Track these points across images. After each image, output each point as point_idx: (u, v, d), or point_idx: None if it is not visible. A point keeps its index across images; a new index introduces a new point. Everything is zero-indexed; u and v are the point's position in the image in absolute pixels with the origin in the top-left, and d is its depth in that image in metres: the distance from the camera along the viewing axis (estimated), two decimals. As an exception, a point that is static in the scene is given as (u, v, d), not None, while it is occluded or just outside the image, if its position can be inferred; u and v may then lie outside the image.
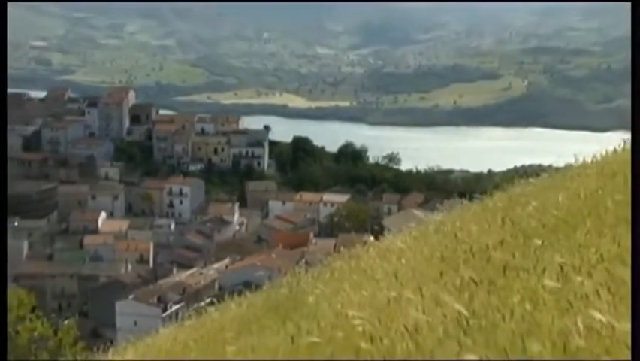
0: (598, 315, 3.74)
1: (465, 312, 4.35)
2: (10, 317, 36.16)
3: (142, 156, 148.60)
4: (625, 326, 3.57)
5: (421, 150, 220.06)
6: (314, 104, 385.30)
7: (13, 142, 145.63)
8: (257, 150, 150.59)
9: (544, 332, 3.86)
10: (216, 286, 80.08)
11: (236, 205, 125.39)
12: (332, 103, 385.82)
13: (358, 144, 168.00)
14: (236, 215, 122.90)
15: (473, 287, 5.21)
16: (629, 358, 3.34)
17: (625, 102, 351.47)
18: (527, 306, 4.35)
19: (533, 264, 5.62)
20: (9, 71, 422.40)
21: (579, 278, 4.74)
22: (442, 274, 6.14)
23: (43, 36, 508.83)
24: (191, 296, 73.43)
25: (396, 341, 4.38)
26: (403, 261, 7.96)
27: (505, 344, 3.76)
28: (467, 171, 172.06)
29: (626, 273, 4.57)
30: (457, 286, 5.48)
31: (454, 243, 7.85)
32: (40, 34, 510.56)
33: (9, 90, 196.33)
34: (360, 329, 4.82)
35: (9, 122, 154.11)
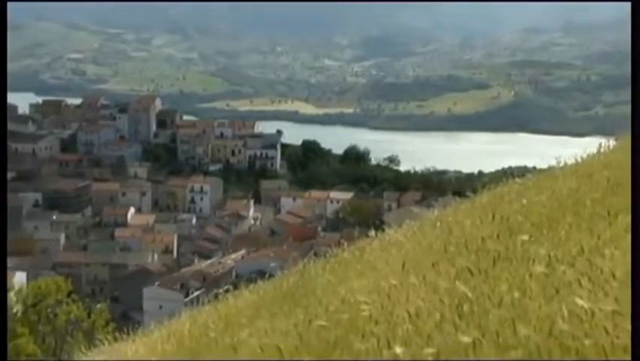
0: (579, 301, 3.73)
1: (460, 298, 4.34)
2: (49, 300, 36.32)
3: (167, 157, 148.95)
4: (604, 311, 3.56)
5: (418, 152, 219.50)
6: (322, 111, 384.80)
7: (53, 144, 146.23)
8: (270, 152, 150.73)
9: (531, 317, 3.85)
10: (233, 274, 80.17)
11: (252, 202, 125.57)
12: (338, 110, 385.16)
13: (362, 146, 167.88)
14: (252, 210, 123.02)
15: (466, 276, 5.20)
16: (625, 356, 3.30)
17: (601, 110, 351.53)
18: (515, 294, 4.34)
19: (520, 255, 5.61)
20: (49, 81, 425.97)
21: (562, 268, 4.72)
22: (438, 264, 6.13)
23: (79, 49, 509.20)
24: (210, 283, 73.49)
25: (397, 324, 4.38)
26: (403, 252, 7.94)
27: (497, 327, 3.75)
28: (460, 172, 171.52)
29: (604, 263, 4.56)
30: (451, 275, 5.47)
31: (449, 236, 7.83)
32: (76, 47, 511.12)
33: (49, 98, 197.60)
34: (364, 313, 4.81)
35: (49, 127, 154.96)
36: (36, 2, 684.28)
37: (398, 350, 3.53)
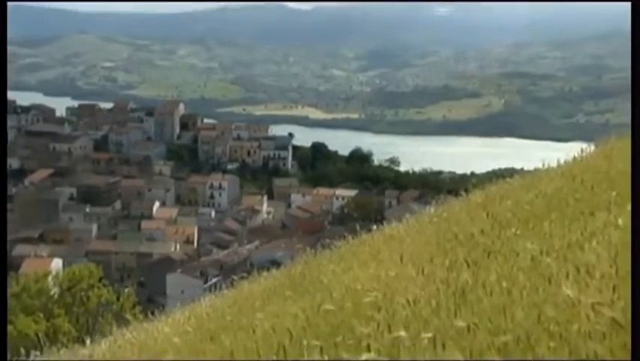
0: (563, 291, 3.71)
1: (454, 286, 4.32)
2: (83, 285, 36.42)
3: (189, 157, 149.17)
4: (586, 300, 3.53)
5: (416, 154, 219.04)
6: (329, 116, 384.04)
7: (86, 143, 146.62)
8: (282, 153, 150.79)
9: (520, 304, 3.82)
10: (248, 263, 80.00)
11: (265, 198, 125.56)
12: (344, 115, 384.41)
13: (365, 149, 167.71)
14: (265, 205, 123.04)
15: (460, 267, 5.17)
16: (602, 340, 3.27)
17: (582, 118, 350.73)
18: (505, 283, 4.31)
19: (509, 249, 5.58)
20: (84, 87, 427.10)
21: (547, 260, 4.70)
22: (434, 256, 6.11)
23: (111, 59, 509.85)
24: (227, 271, 73.29)
25: (397, 310, 4.35)
26: (402, 245, 7.91)
27: (489, 313, 3.73)
28: (454, 173, 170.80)
29: (585, 256, 4.54)
30: (447, 266, 5.44)
31: (444, 231, 7.80)
32: (109, 57, 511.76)
33: (84, 102, 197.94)
34: (366, 300, 4.79)
35: (84, 128, 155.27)
36: (76, 17, 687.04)
37: (403, 333, 3.48)
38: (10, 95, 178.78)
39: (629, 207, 4.95)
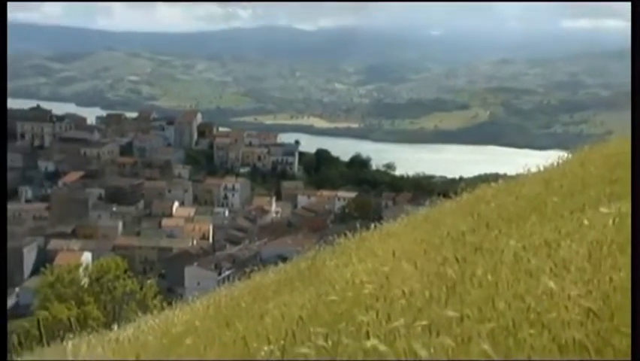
0: (543, 284, 3.71)
1: (445, 280, 4.32)
2: (109, 276, 36.50)
3: (205, 161, 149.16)
4: (563, 292, 3.54)
5: (410, 160, 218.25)
6: (332, 125, 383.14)
7: (114, 149, 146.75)
8: (289, 158, 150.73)
9: (504, 296, 3.83)
10: (258, 257, 79.99)
11: (274, 198, 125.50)
12: (345, 124, 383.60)
13: (364, 155, 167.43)
14: (274, 206, 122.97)
15: (450, 262, 5.18)
16: (578, 327, 3.28)
17: (560, 129, 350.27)
18: (490, 277, 4.32)
19: (494, 246, 5.59)
20: (112, 98, 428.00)
21: (528, 256, 4.71)
22: (426, 252, 6.11)
23: (136, 73, 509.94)
24: (239, 265, 73.37)
25: (393, 300, 4.36)
26: (398, 242, 7.91)
27: (477, 303, 3.73)
28: (444, 177, 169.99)
29: (562, 253, 4.55)
30: (438, 261, 5.45)
31: (436, 229, 7.81)
32: (134, 71, 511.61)
33: (112, 112, 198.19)
34: (365, 291, 4.79)
35: (111, 135, 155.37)
36: (105, 35, 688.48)
37: (399, 322, 3.47)
38: (47, 105, 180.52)
39: (602, 209, 4.97)
